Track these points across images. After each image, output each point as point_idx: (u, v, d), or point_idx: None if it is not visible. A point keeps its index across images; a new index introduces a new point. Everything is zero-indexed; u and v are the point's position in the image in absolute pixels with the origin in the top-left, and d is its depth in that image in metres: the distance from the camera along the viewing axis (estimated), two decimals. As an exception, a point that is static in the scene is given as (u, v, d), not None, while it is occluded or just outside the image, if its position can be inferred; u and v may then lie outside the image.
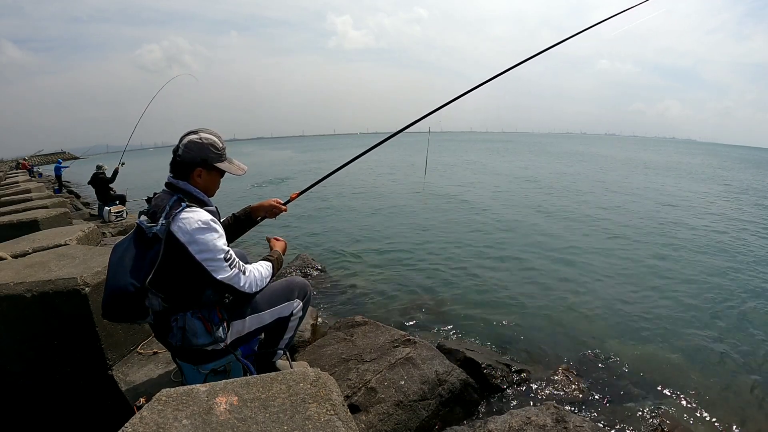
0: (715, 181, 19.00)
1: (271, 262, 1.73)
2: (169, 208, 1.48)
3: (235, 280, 1.51)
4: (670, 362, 3.49)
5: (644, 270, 5.90)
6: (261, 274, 1.62)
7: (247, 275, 1.55)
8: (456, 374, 2.60)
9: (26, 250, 2.77)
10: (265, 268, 1.67)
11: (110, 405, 1.97)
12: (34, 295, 1.88)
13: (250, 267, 1.60)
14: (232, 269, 1.51)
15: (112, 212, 8.06)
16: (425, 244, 7.23)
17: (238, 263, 1.54)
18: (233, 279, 1.51)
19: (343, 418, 1.04)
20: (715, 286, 5.35)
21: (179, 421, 1.00)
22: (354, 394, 2.26)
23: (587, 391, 3.01)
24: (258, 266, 1.65)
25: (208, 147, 1.60)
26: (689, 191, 14.63)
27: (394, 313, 4.38)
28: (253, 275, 1.57)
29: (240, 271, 1.53)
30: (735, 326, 4.21)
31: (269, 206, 2.03)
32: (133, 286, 1.47)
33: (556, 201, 11.90)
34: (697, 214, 10.26)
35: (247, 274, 1.55)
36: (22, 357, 1.98)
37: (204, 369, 1.64)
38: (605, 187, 14.87)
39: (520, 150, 44.36)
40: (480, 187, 14.88)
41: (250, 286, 1.56)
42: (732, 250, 7.03)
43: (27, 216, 4.45)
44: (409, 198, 12.69)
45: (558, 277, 5.55)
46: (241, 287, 1.53)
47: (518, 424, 2.11)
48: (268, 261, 1.73)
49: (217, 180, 1.69)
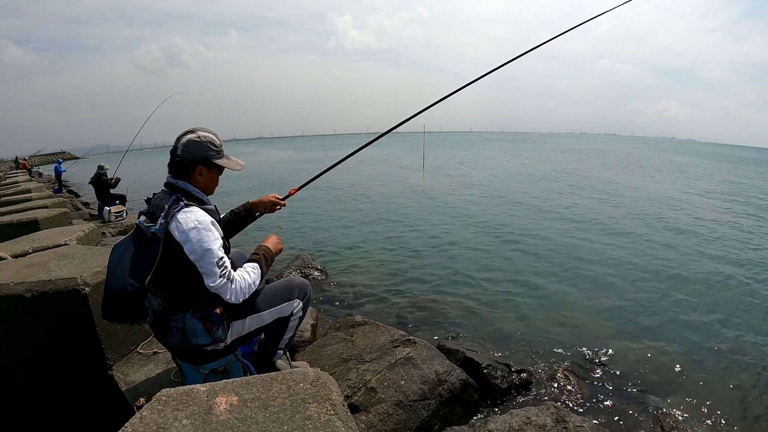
0: (719, 182, 19.00)
1: (257, 261, 1.71)
2: (168, 208, 1.49)
3: (222, 290, 1.49)
4: (670, 362, 3.49)
5: (645, 269, 5.89)
6: (247, 281, 1.59)
7: (234, 286, 1.52)
8: (456, 374, 2.60)
9: (26, 250, 2.77)
10: (251, 271, 1.64)
11: (110, 405, 1.97)
12: (34, 295, 1.88)
13: (237, 275, 1.57)
14: (221, 278, 1.49)
15: (112, 212, 8.07)
16: (425, 244, 7.23)
17: (229, 272, 1.52)
18: (220, 288, 1.49)
19: (343, 418, 1.04)
20: (715, 285, 5.35)
21: (179, 421, 1.00)
22: (354, 394, 2.26)
23: (587, 391, 3.01)
24: (244, 272, 1.61)
25: (207, 145, 1.61)
26: (692, 192, 14.62)
27: (394, 313, 4.38)
28: (238, 285, 1.54)
29: (228, 281, 1.51)
30: (736, 326, 4.20)
31: (268, 202, 2.05)
32: (132, 286, 1.47)
33: (556, 201, 11.89)
34: (698, 214, 10.26)
35: (233, 284, 1.52)
36: (22, 357, 1.98)
37: (204, 369, 1.64)
38: (605, 187, 14.88)
39: (521, 149, 44.36)
40: (479, 186, 14.87)
41: (236, 297, 1.53)
42: (734, 250, 7.03)
43: (27, 216, 4.46)
44: (410, 198, 12.68)
45: (558, 277, 5.55)
46: (228, 299, 1.51)
47: (518, 424, 2.11)
48: (254, 261, 1.71)
49: (217, 177, 1.70)
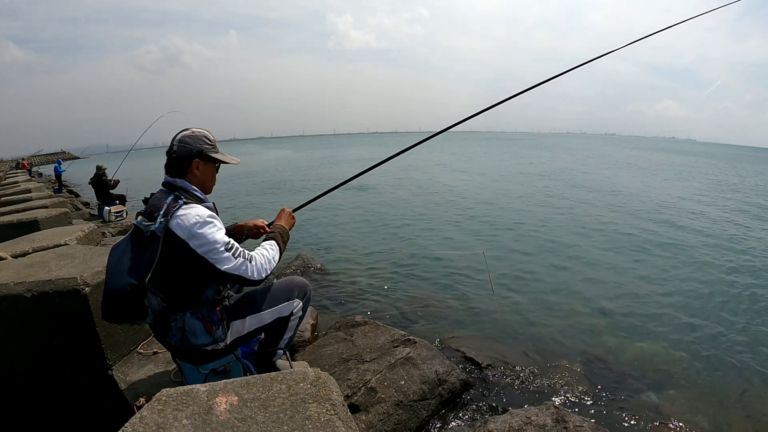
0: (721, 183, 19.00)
1: (274, 239, 1.71)
2: (167, 206, 1.49)
3: (242, 269, 1.50)
4: (671, 362, 3.48)
5: (645, 269, 5.89)
6: (266, 256, 1.59)
7: (253, 263, 1.53)
8: (456, 374, 2.60)
9: (26, 250, 2.77)
10: (269, 248, 1.65)
11: (110, 405, 1.97)
12: (34, 295, 1.88)
13: (254, 252, 1.58)
14: (237, 258, 1.49)
15: (112, 212, 8.07)
16: (426, 244, 7.23)
17: (243, 252, 1.53)
18: (239, 268, 1.49)
19: (343, 418, 1.04)
20: (716, 285, 5.35)
21: (179, 421, 1.00)
22: (354, 394, 2.26)
23: (587, 391, 3.00)
24: (261, 250, 1.62)
25: (201, 138, 1.63)
26: (696, 192, 14.63)
27: (394, 313, 4.38)
28: (258, 261, 1.55)
29: (245, 260, 1.51)
30: (736, 326, 4.20)
31: (253, 226, 2.01)
32: (131, 285, 1.46)
33: (557, 199, 11.89)
34: (700, 214, 10.26)
35: (252, 262, 1.53)
36: (22, 357, 1.98)
37: (204, 369, 1.64)
38: (605, 186, 14.88)
39: (524, 148, 44.37)
40: (479, 185, 14.87)
41: (258, 273, 1.54)
42: (736, 249, 7.03)
43: (27, 216, 4.45)
44: (410, 197, 12.68)
45: (559, 277, 5.54)
46: (250, 276, 1.52)
47: (518, 424, 2.11)
48: (271, 239, 1.71)
49: (214, 174, 1.70)
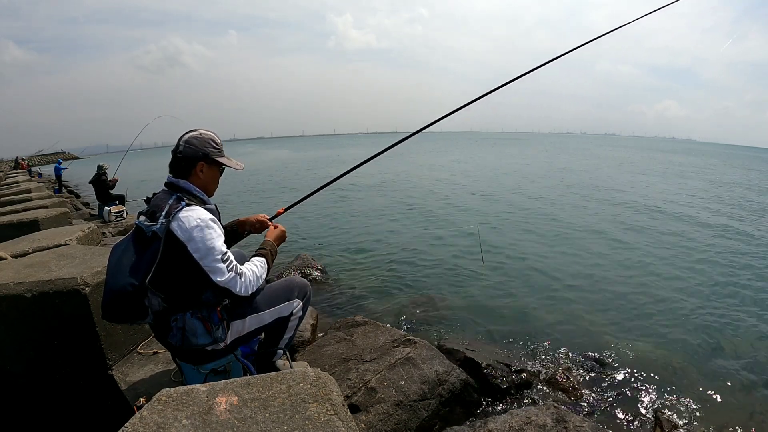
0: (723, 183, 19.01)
1: (264, 257, 1.72)
2: (169, 207, 1.49)
3: (232, 284, 1.50)
4: (670, 362, 3.49)
5: (645, 269, 5.90)
6: (255, 274, 1.60)
7: (243, 279, 1.53)
8: (456, 374, 2.60)
9: (26, 250, 2.77)
10: (259, 266, 1.65)
11: (110, 405, 1.97)
12: (34, 295, 1.88)
13: (245, 268, 1.58)
14: (229, 272, 1.49)
15: (112, 212, 8.07)
16: (426, 244, 7.23)
17: (235, 266, 1.53)
18: (229, 283, 1.50)
19: (343, 418, 1.04)
20: (716, 285, 5.35)
21: (179, 421, 1.00)
22: (354, 394, 2.26)
23: (587, 391, 3.01)
24: (252, 266, 1.63)
25: (208, 141, 1.64)
26: (695, 191, 14.63)
27: (394, 313, 4.38)
28: (247, 278, 1.56)
29: (236, 275, 1.51)
30: (736, 326, 4.21)
31: (255, 221, 2.01)
32: (132, 285, 1.46)
33: (558, 200, 11.89)
34: (703, 214, 10.25)
35: (242, 278, 1.53)
36: (22, 357, 1.98)
37: (204, 369, 1.64)
38: (605, 185, 14.88)
39: (525, 147, 44.39)
40: (477, 184, 14.87)
41: (246, 289, 1.54)
42: (736, 249, 7.03)
43: (27, 216, 4.45)
44: (410, 197, 12.68)
45: (559, 277, 5.55)
46: (237, 291, 1.52)
47: (518, 424, 2.11)
48: (261, 256, 1.72)
49: (217, 176, 1.71)
